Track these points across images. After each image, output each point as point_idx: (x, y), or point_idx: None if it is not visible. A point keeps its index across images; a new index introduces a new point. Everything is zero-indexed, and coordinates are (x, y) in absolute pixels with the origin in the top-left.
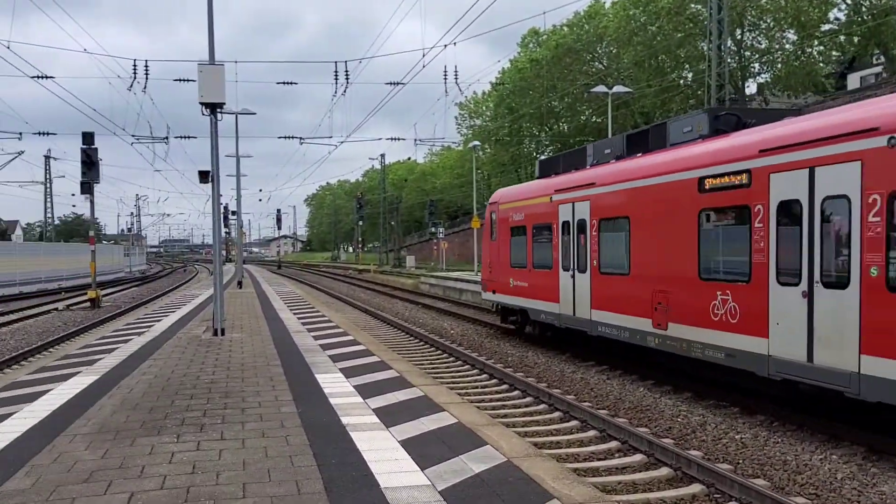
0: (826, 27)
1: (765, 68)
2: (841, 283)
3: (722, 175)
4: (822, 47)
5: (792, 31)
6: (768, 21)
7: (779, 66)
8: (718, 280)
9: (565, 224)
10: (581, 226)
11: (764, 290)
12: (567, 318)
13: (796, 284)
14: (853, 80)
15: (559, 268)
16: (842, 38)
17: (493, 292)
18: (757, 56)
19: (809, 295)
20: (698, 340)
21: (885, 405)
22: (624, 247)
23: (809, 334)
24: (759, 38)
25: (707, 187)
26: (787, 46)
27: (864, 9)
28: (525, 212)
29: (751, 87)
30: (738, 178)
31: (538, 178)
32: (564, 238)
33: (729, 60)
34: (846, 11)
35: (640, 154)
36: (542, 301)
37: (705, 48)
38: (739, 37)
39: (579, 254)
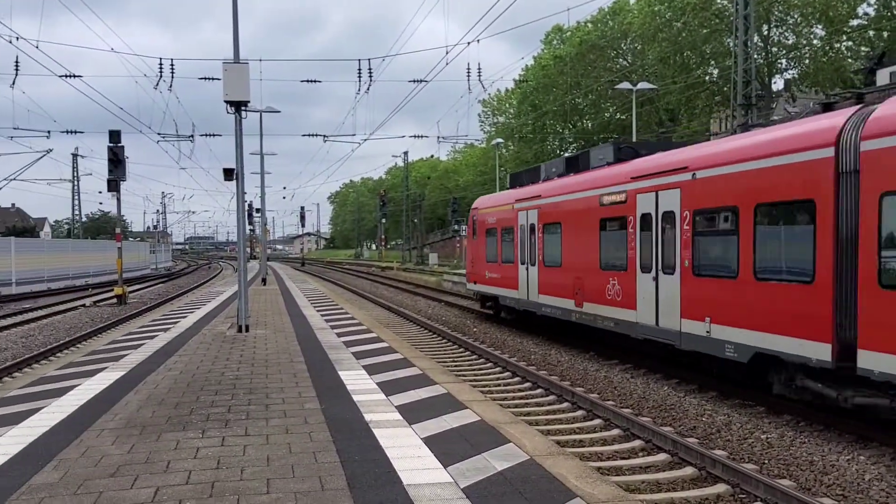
0: (855, 22)
1: (792, 64)
2: (671, 270)
3: (611, 194)
4: (850, 43)
5: (820, 27)
6: (796, 16)
7: (806, 61)
8: (610, 270)
9: (522, 227)
10: (532, 229)
11: (634, 276)
12: (524, 301)
13: (650, 272)
14: (882, 76)
15: (518, 262)
16: (871, 33)
17: (475, 283)
18: (784, 52)
19: (656, 279)
20: (600, 314)
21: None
22: (558, 246)
23: (656, 306)
24: (787, 34)
25: (604, 202)
26: (815, 42)
27: (893, 3)
28: (496, 216)
29: (778, 84)
30: (620, 196)
31: (509, 188)
32: (522, 238)
33: (755, 56)
34: (875, 6)
35: (571, 174)
36: (508, 289)
37: (731, 44)
38: (766, 32)
39: (531, 251)
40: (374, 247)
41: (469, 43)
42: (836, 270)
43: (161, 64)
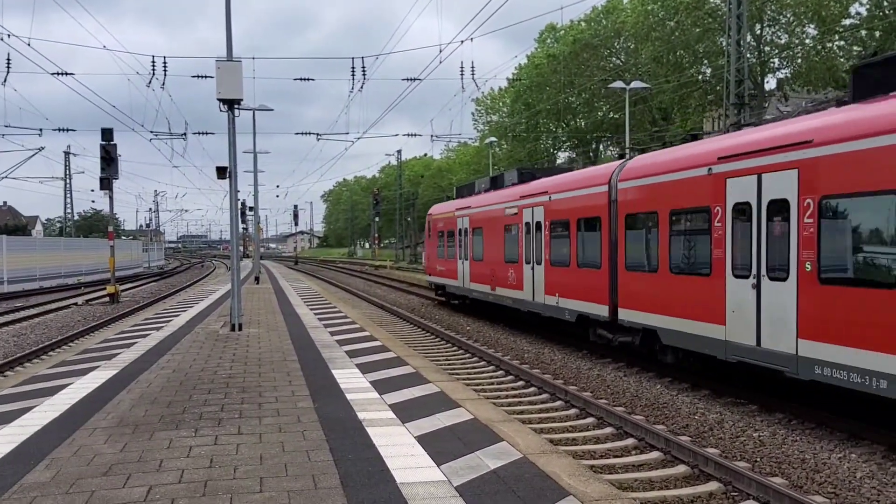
0: (847, 22)
1: (785, 63)
2: (540, 263)
3: (510, 207)
4: (842, 42)
5: (812, 26)
6: (788, 16)
7: (799, 61)
8: (510, 263)
9: (460, 230)
10: (465, 232)
11: (521, 267)
12: (461, 288)
13: (530, 263)
14: None
15: (458, 258)
16: (863, 32)
17: (430, 275)
18: (777, 51)
19: (533, 269)
20: (504, 295)
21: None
22: (481, 245)
23: (533, 287)
24: (779, 33)
25: (506, 213)
26: (808, 41)
27: (885, 3)
28: (444, 222)
29: (770, 83)
30: (514, 209)
31: (454, 199)
32: (460, 239)
33: (748, 56)
34: (867, 6)
35: (492, 190)
36: (451, 279)
37: (724, 43)
38: (759, 32)
39: (465, 249)
40: (367, 245)
41: (462, 41)
42: (609, 261)
43: (154, 62)
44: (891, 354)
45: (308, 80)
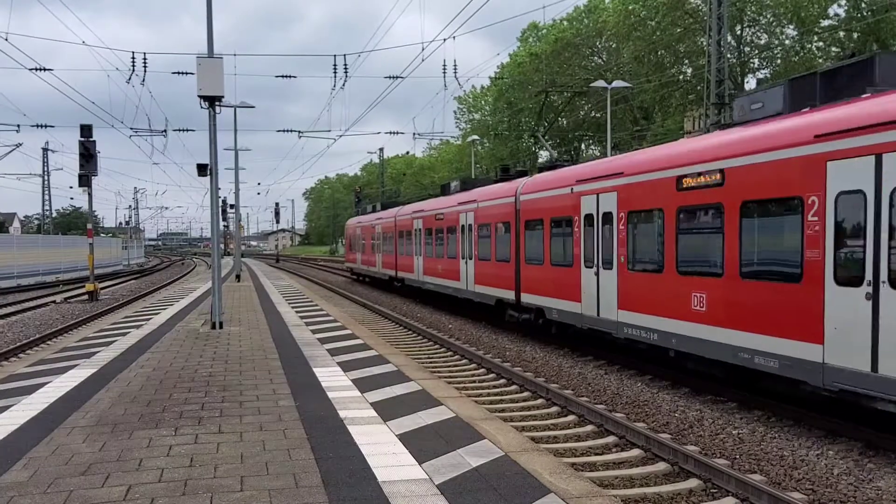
0: (826, 23)
1: (764, 64)
2: (471, 258)
3: (451, 211)
4: (821, 43)
5: (791, 27)
6: (768, 16)
7: (778, 61)
8: (452, 258)
9: (416, 230)
10: (420, 232)
11: (459, 261)
12: (417, 281)
13: (464, 258)
14: None
15: (414, 254)
16: (841, 34)
17: (385, 269)
18: (756, 52)
19: (466, 262)
20: (446, 286)
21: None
22: (432, 243)
23: (469, 278)
24: (759, 34)
25: (448, 216)
26: (787, 42)
27: (863, 5)
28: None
29: (750, 83)
30: (454, 214)
31: (381, 210)
32: (416, 238)
33: (728, 56)
34: (846, 7)
35: (441, 196)
36: (409, 273)
37: (705, 43)
38: (739, 32)
39: (419, 246)
40: None
41: (445, 40)
42: (516, 257)
43: (133, 58)
44: (656, 316)
45: (289, 77)
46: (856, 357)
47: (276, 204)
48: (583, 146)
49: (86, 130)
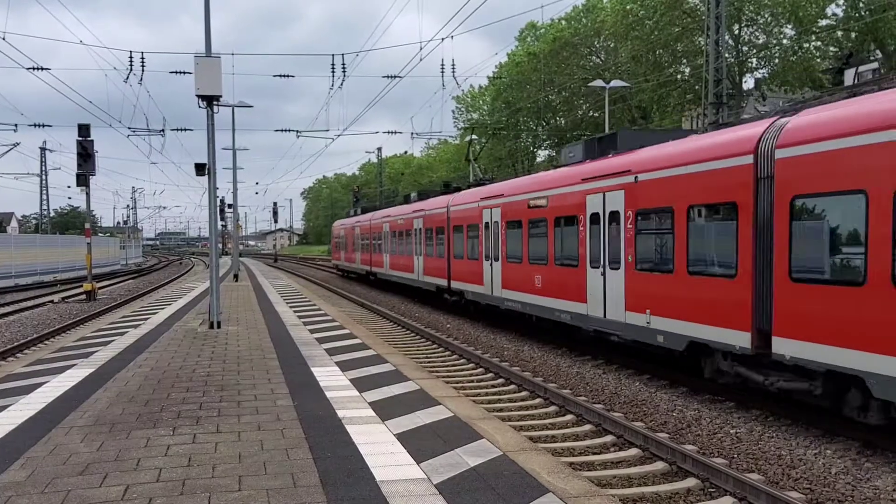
0: (824, 22)
1: (762, 63)
2: (422, 255)
3: (408, 218)
4: (819, 43)
5: (789, 27)
6: (766, 16)
7: (776, 61)
8: (410, 255)
9: (384, 233)
10: (387, 234)
11: (413, 257)
12: (385, 274)
13: (418, 255)
14: (850, 76)
15: (383, 251)
16: (839, 33)
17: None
18: (754, 51)
19: (420, 258)
20: (404, 277)
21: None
22: (395, 243)
23: (420, 270)
24: (757, 34)
25: (405, 221)
26: (785, 42)
27: (861, 4)
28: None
29: (748, 83)
30: (410, 220)
31: (361, 214)
32: (383, 239)
33: (726, 55)
34: (844, 7)
35: (404, 204)
36: (379, 268)
37: (703, 43)
38: (737, 32)
39: (386, 244)
40: None
41: (443, 39)
42: (448, 254)
43: (131, 57)
44: (519, 292)
45: (288, 76)
46: (598, 309)
47: (275, 203)
48: None
49: (83, 130)
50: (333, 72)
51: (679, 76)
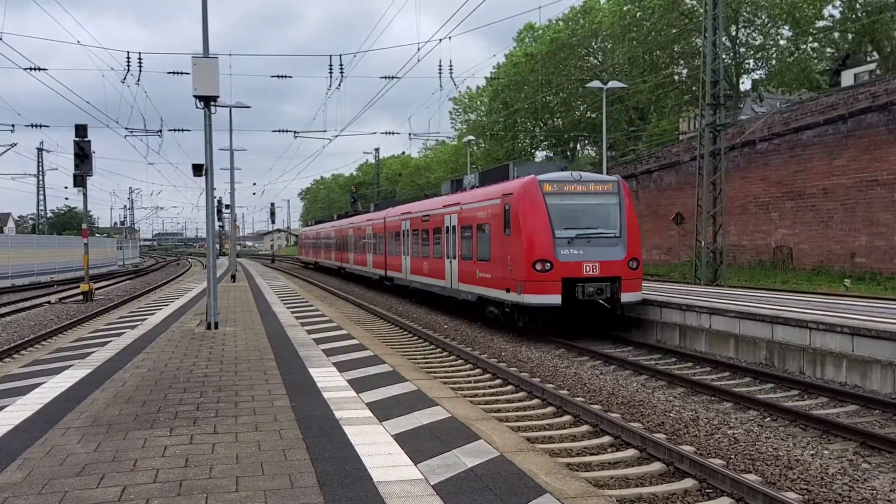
0: (820, 24)
1: (759, 64)
2: (370, 252)
3: (365, 225)
4: (816, 44)
5: (787, 28)
6: (763, 17)
7: (773, 62)
8: (365, 253)
9: (347, 236)
10: (350, 237)
11: (366, 255)
12: (350, 268)
13: (370, 254)
14: (847, 77)
15: (322, 250)
16: (836, 34)
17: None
18: (752, 52)
19: (369, 255)
20: (362, 271)
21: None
22: (335, 246)
23: (370, 265)
24: (754, 35)
25: (360, 227)
26: (782, 43)
27: (858, 6)
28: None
29: (745, 84)
30: (365, 226)
31: (317, 223)
32: (315, 241)
33: (724, 56)
34: (841, 8)
35: (351, 216)
36: (345, 263)
37: (700, 44)
38: (734, 33)
39: (326, 248)
40: None
41: (441, 40)
42: (385, 252)
43: (129, 57)
44: (416, 276)
45: (285, 77)
46: (450, 283)
47: (272, 204)
48: (578, 146)
49: (81, 130)
50: (331, 72)
51: (676, 77)
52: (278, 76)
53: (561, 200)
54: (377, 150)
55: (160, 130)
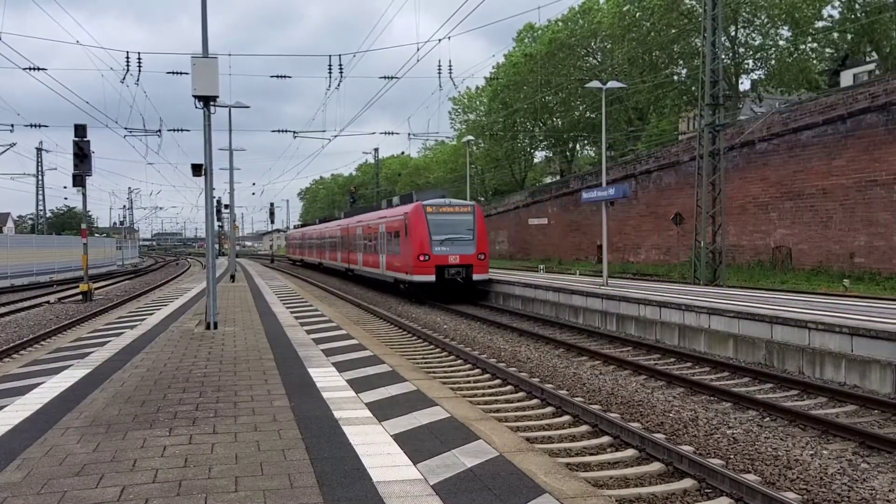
0: (820, 24)
1: (759, 65)
2: (326, 250)
3: (325, 232)
4: (815, 44)
5: (786, 28)
6: (762, 17)
7: (772, 62)
8: (324, 251)
9: (322, 238)
10: (309, 240)
11: (336, 254)
12: (327, 263)
13: (326, 250)
14: (846, 77)
15: (306, 249)
16: (835, 35)
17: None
18: (751, 52)
19: (326, 253)
20: (332, 264)
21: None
22: (315, 245)
23: (328, 259)
24: (754, 35)
25: (328, 232)
26: (781, 43)
27: (857, 6)
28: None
29: (745, 84)
30: (324, 232)
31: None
32: (301, 242)
33: (723, 57)
34: (840, 9)
35: (324, 223)
36: (302, 256)
37: (699, 44)
38: (733, 33)
39: (309, 247)
40: None
41: (440, 40)
42: (344, 250)
43: (128, 57)
44: (311, 257)
45: (285, 77)
46: (381, 270)
47: (271, 204)
48: (577, 146)
49: (80, 130)
50: (331, 72)
51: (675, 77)
52: (278, 76)
53: (436, 217)
54: (376, 150)
55: (159, 130)
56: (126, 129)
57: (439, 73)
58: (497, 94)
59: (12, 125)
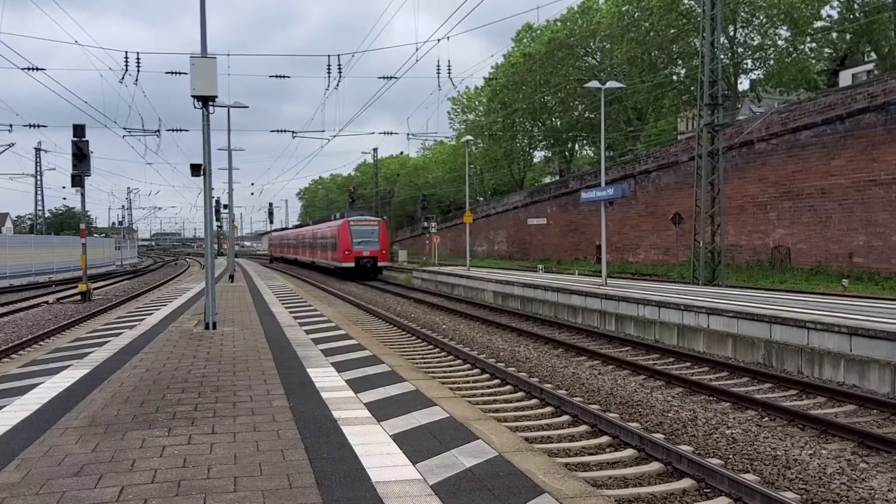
0: (818, 24)
1: (757, 65)
2: (304, 248)
3: (300, 234)
4: (814, 44)
5: (784, 28)
6: (761, 18)
7: (771, 62)
8: (315, 251)
9: (282, 241)
10: (291, 240)
11: (316, 252)
12: (310, 261)
13: (317, 251)
14: (845, 77)
15: (284, 248)
16: (834, 35)
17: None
18: (750, 52)
19: (316, 252)
20: (302, 259)
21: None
22: (291, 245)
23: (318, 257)
24: (752, 35)
25: (309, 234)
26: (780, 43)
27: (856, 6)
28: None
29: (743, 84)
30: (300, 235)
31: (293, 228)
32: (280, 243)
33: (722, 57)
34: (839, 9)
35: (304, 226)
36: (284, 253)
37: (698, 44)
38: (732, 33)
39: (287, 246)
40: None
41: (439, 40)
42: (312, 252)
43: (127, 57)
44: (297, 255)
45: (284, 77)
46: (330, 262)
47: (270, 204)
48: (576, 146)
49: (79, 130)
50: (330, 72)
51: (674, 77)
52: (277, 76)
53: (356, 228)
54: (375, 150)
55: (158, 130)
56: (125, 129)
57: (438, 73)
58: (496, 94)
59: (11, 125)
